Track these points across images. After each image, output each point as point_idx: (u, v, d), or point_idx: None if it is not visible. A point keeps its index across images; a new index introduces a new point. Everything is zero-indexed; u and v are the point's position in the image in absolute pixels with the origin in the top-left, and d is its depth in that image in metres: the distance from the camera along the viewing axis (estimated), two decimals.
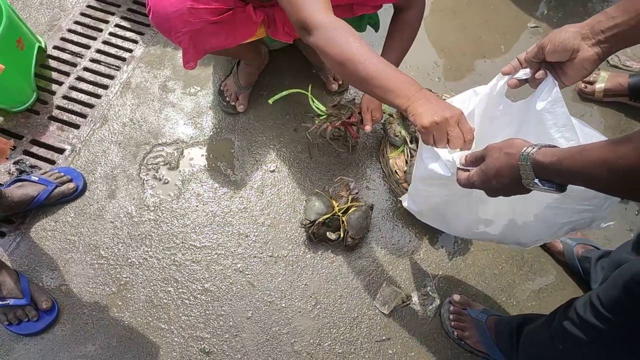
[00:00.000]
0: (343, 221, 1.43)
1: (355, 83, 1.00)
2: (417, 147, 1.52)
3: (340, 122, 1.50)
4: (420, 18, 1.39)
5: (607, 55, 0.84)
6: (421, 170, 1.06)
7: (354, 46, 0.94)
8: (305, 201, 1.49)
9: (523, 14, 2.07)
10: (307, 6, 0.99)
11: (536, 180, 0.72)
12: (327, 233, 1.43)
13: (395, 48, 1.39)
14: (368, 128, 1.45)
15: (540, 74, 0.91)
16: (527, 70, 0.93)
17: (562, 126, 0.88)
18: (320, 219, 1.42)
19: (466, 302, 1.38)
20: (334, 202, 1.45)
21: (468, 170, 0.87)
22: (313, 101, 1.51)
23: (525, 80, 0.95)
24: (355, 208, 1.45)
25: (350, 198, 1.46)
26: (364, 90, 1.00)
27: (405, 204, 1.27)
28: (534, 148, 0.72)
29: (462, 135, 0.91)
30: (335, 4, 1.26)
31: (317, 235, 1.45)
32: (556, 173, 0.70)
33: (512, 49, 1.96)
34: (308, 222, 1.43)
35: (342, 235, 1.43)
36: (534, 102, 0.93)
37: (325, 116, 1.51)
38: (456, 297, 1.38)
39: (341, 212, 1.44)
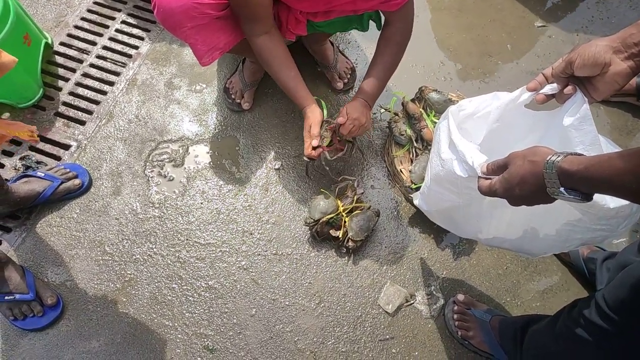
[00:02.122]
0: (346, 222, 1.43)
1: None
2: (422, 146, 1.52)
3: (327, 144, 1.39)
4: (406, 36, 1.39)
5: None
6: (437, 170, 1.04)
7: (272, 66, 1.34)
8: (310, 200, 1.49)
9: (530, 13, 2.06)
10: (249, 28, 1.28)
11: (562, 189, 0.70)
12: (331, 231, 1.43)
13: (378, 63, 1.40)
14: (340, 120, 1.35)
15: (569, 89, 0.88)
16: (554, 85, 0.90)
17: (589, 144, 0.85)
18: (325, 219, 1.42)
19: (470, 302, 1.38)
20: (338, 201, 1.45)
21: (490, 179, 0.85)
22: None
23: (552, 96, 0.92)
24: (360, 211, 1.45)
25: (355, 198, 1.46)
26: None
27: (416, 202, 1.27)
28: (559, 156, 0.70)
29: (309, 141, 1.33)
30: (336, 4, 1.27)
31: (321, 234, 1.44)
32: (582, 181, 0.68)
33: (518, 49, 1.95)
34: (312, 220, 1.43)
35: (340, 235, 1.42)
36: (559, 116, 0.90)
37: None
38: (460, 296, 1.37)
39: (345, 212, 1.44)
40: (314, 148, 1.34)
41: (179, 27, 1.26)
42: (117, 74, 1.75)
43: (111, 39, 1.82)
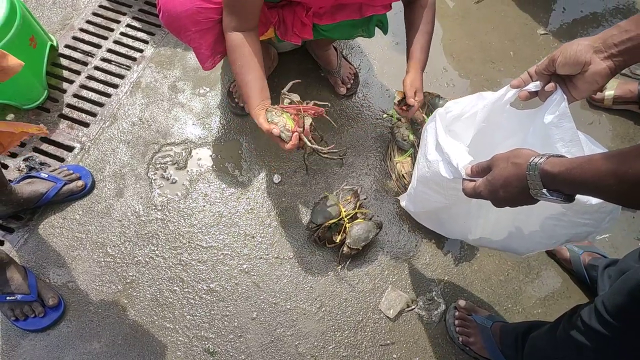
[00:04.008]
0: (347, 227, 1.43)
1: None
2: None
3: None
4: (434, 3, 1.38)
5: (620, 70, 0.83)
6: (423, 171, 1.06)
7: (237, 62, 1.24)
8: (313, 204, 1.49)
9: (532, 21, 2.07)
10: (229, 21, 1.22)
11: (544, 191, 0.72)
12: (333, 235, 1.43)
13: (423, 31, 1.37)
14: (411, 101, 1.35)
15: (550, 86, 0.90)
16: (538, 83, 0.93)
17: (569, 141, 0.88)
18: (327, 224, 1.42)
19: (471, 307, 1.37)
20: (341, 207, 1.45)
21: (474, 181, 0.87)
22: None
23: (536, 93, 0.94)
24: (362, 220, 1.45)
25: (358, 204, 1.46)
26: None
27: (403, 204, 1.27)
28: (541, 158, 0.72)
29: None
30: (343, 2, 1.28)
31: (322, 238, 1.45)
32: (564, 183, 0.69)
33: (521, 56, 1.96)
34: (314, 225, 1.43)
35: (338, 240, 1.42)
36: (541, 114, 0.92)
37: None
38: (461, 302, 1.37)
39: (348, 217, 1.44)
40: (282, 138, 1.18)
41: (183, 31, 1.27)
42: (121, 76, 1.76)
43: (116, 42, 1.83)
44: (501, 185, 0.78)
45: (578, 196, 0.73)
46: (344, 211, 1.44)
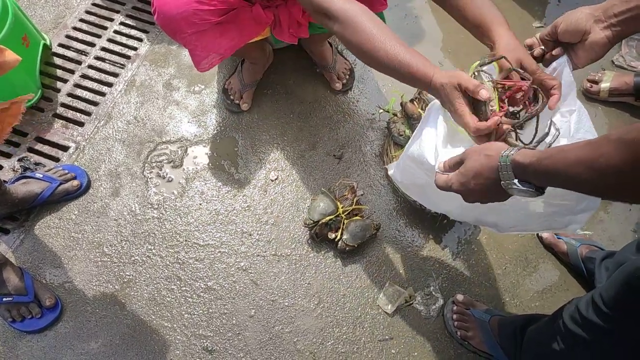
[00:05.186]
0: (344, 223, 1.43)
1: (379, 69, 1.00)
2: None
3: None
4: None
5: (618, 40, 0.84)
6: (414, 148, 1.05)
7: (377, 34, 0.94)
8: (310, 200, 1.49)
9: (527, 15, 2.06)
10: None
11: (515, 181, 0.72)
12: (328, 233, 1.43)
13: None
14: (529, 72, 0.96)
15: (557, 50, 0.92)
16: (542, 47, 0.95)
17: (566, 108, 0.91)
18: (324, 220, 1.41)
19: (469, 302, 1.38)
20: (338, 203, 1.44)
21: (446, 174, 0.87)
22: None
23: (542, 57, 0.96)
24: (360, 218, 1.45)
25: (355, 200, 1.46)
26: (387, 73, 0.99)
27: (390, 172, 1.26)
28: (513, 150, 0.73)
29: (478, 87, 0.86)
30: None
31: (320, 235, 1.44)
32: (535, 174, 0.70)
33: None
34: (311, 222, 1.43)
35: (337, 236, 1.42)
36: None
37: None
38: (459, 297, 1.37)
39: (345, 214, 1.43)
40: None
41: (179, 33, 1.26)
42: (115, 75, 1.75)
43: (110, 40, 1.82)
44: (473, 176, 0.79)
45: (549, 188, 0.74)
46: (341, 207, 1.44)
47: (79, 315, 1.34)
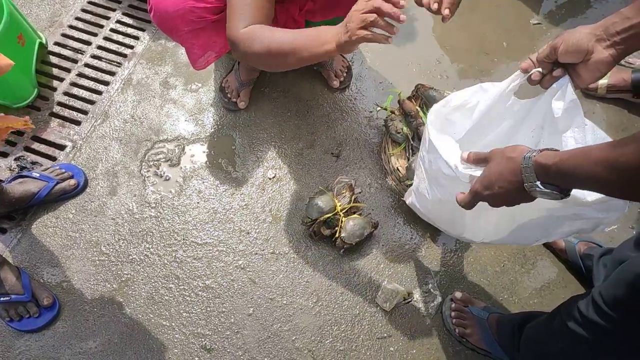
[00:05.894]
0: (342, 221, 1.43)
1: (291, 63, 1.06)
2: (420, 143, 1.52)
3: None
4: None
5: (622, 57, 0.83)
6: (427, 166, 1.04)
7: (270, 36, 1.03)
8: (308, 199, 1.49)
9: (526, 11, 2.06)
10: (231, 24, 1.08)
11: (538, 183, 0.71)
12: (322, 228, 1.43)
13: None
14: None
15: (558, 71, 0.89)
16: (540, 69, 0.91)
17: (576, 127, 0.88)
18: (322, 218, 1.41)
19: (468, 299, 1.38)
20: (336, 201, 1.44)
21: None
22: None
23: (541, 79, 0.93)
24: (359, 216, 1.44)
25: (352, 198, 1.46)
26: (302, 63, 1.05)
27: (408, 201, 1.26)
28: (535, 151, 0.72)
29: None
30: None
31: (317, 233, 1.44)
32: (558, 175, 0.69)
33: (514, 46, 1.95)
34: (309, 220, 1.43)
35: (337, 234, 1.42)
36: (545, 102, 0.92)
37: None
38: (458, 294, 1.37)
39: (343, 212, 1.43)
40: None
41: (175, 31, 1.25)
42: (112, 73, 1.74)
43: (106, 38, 1.81)
44: (496, 179, 0.78)
45: (574, 191, 0.73)
46: (339, 205, 1.43)
47: (77, 314, 1.34)
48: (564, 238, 1.14)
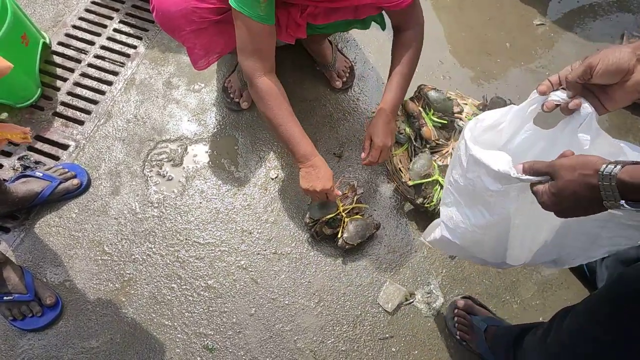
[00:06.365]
0: (345, 222, 1.43)
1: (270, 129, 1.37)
2: (421, 144, 1.52)
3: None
4: (419, 40, 1.35)
5: None
6: (461, 190, 0.96)
7: (277, 112, 1.25)
8: (311, 199, 1.49)
9: (529, 11, 2.06)
10: (252, 64, 1.22)
11: (622, 202, 0.64)
12: (324, 228, 1.43)
13: (397, 72, 1.35)
14: (363, 156, 1.37)
15: (575, 103, 0.82)
16: (563, 93, 0.84)
17: (608, 155, 0.76)
18: (325, 218, 1.41)
19: (470, 307, 1.36)
20: (339, 202, 1.44)
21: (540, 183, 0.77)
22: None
23: (559, 104, 0.85)
24: (361, 217, 1.45)
25: (355, 199, 1.46)
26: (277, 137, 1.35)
27: (430, 239, 1.13)
28: (615, 166, 0.65)
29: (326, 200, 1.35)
30: (338, 6, 1.26)
31: (320, 233, 1.44)
32: None
33: (517, 47, 1.95)
34: (312, 220, 1.43)
35: (339, 235, 1.42)
36: (570, 132, 0.85)
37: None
38: (460, 302, 1.36)
39: (345, 212, 1.43)
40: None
41: (177, 31, 1.26)
42: (115, 73, 1.74)
43: (109, 38, 1.82)
44: (568, 197, 0.71)
45: None
46: (342, 206, 1.43)
47: (80, 313, 1.34)
48: (598, 257, 1.07)
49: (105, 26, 1.84)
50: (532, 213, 0.87)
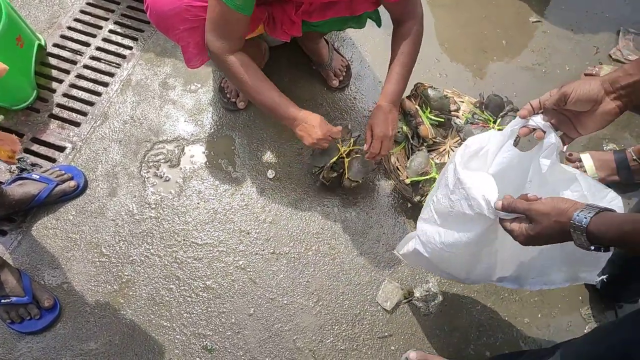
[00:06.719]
0: (346, 162, 1.46)
1: (246, 94, 1.33)
2: (418, 142, 1.52)
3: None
4: (419, 32, 1.35)
5: (627, 108, 0.87)
6: (442, 209, 1.01)
7: (254, 83, 1.27)
8: (312, 151, 1.52)
9: (524, 9, 2.06)
10: (220, 45, 1.22)
11: (592, 248, 0.73)
12: (329, 172, 1.45)
13: (397, 63, 1.34)
14: (365, 148, 1.35)
15: (538, 135, 0.93)
16: (539, 117, 0.93)
17: (567, 180, 0.93)
18: (329, 164, 1.44)
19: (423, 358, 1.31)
20: (339, 145, 1.45)
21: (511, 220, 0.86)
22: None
23: (534, 130, 0.95)
24: (358, 155, 1.47)
25: (352, 141, 1.47)
26: (257, 104, 1.33)
27: (403, 252, 1.19)
28: (586, 216, 0.72)
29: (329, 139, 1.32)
30: (333, 0, 1.26)
31: (328, 179, 1.47)
32: (612, 241, 0.71)
33: (513, 44, 1.95)
34: (317, 168, 1.46)
35: (344, 175, 1.46)
36: (537, 156, 0.94)
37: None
38: (412, 355, 1.30)
39: (345, 153, 1.45)
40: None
41: (171, 29, 1.26)
42: (111, 74, 1.74)
43: (105, 39, 1.81)
44: (544, 239, 0.80)
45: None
46: (342, 147, 1.45)
47: (78, 315, 1.34)
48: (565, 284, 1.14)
49: (100, 27, 1.84)
50: (501, 237, 0.96)
